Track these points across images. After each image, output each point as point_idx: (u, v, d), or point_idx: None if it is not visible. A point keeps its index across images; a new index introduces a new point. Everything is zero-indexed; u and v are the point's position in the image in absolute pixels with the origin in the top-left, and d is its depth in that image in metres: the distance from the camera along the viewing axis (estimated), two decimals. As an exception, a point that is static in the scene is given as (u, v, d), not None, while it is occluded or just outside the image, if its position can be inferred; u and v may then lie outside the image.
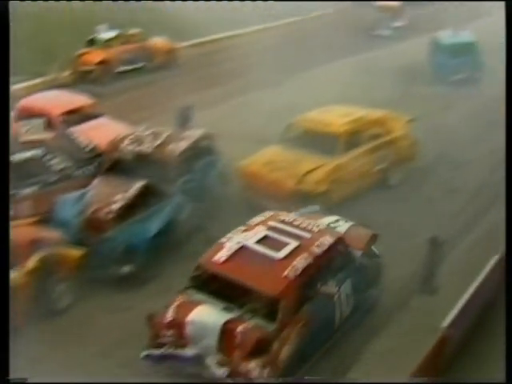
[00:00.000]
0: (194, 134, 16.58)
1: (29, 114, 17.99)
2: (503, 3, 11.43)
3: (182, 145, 15.83)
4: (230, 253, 11.24)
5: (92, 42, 28.01)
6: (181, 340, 10.71)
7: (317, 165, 15.94)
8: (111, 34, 28.29)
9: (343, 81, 25.79)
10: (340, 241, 11.91)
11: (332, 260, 11.64)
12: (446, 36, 28.95)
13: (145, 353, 10.95)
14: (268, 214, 12.43)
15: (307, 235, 11.64)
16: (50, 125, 17.46)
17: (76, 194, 14.71)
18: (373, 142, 17.10)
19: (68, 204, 14.40)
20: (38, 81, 24.62)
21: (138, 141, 15.94)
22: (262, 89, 24.30)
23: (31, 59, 24.96)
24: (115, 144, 16.08)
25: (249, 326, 10.42)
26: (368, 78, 25.93)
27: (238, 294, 10.88)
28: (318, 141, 16.43)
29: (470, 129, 20.98)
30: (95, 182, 14.99)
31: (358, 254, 12.34)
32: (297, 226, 11.90)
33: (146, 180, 14.47)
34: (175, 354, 10.72)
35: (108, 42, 27.96)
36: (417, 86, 25.72)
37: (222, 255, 11.23)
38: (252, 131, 19.73)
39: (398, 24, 36.99)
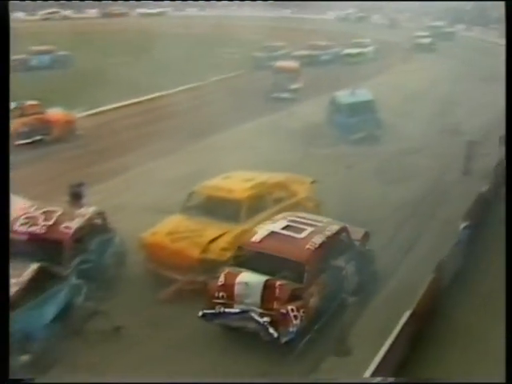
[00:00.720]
0: (86, 211, 15.97)
1: None
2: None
3: (76, 223, 15.22)
4: (262, 236, 14.25)
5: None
6: (230, 300, 13.24)
7: (221, 232, 15.68)
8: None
9: (244, 145, 25.81)
10: (343, 230, 15.08)
11: (339, 243, 14.73)
12: (344, 95, 29.33)
13: (201, 313, 13.33)
14: (288, 213, 15.55)
15: (319, 224, 14.85)
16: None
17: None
18: (277, 206, 16.90)
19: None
20: None
21: (31, 221, 15.25)
22: (161, 157, 24.03)
23: None
24: (12, 222, 15.29)
25: (285, 282, 13.13)
26: (269, 140, 25.91)
27: (272, 266, 13.42)
28: (221, 208, 16.21)
29: (373, 187, 21.01)
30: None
31: (356, 243, 15.45)
32: (310, 219, 15.09)
33: (40, 262, 13.68)
34: (226, 312, 13.18)
35: None
36: (318, 147, 25.78)
37: (257, 237, 14.25)
38: (151, 201, 19.33)
39: (295, 86, 37.29)
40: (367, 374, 11.13)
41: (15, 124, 26.81)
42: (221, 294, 13.30)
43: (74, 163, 23.68)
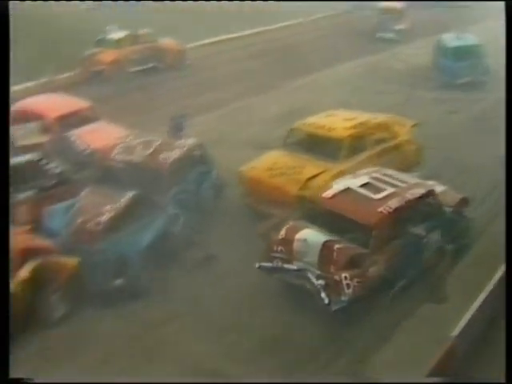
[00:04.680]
0: (186, 143, 16.08)
1: (24, 118, 17.56)
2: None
3: (174, 154, 15.35)
4: (336, 192, 13.44)
5: (101, 43, 27.72)
6: (289, 255, 12.69)
7: (320, 170, 15.53)
8: (121, 34, 28.05)
9: (346, 84, 25.45)
10: (430, 193, 13.80)
11: (422, 208, 13.48)
12: (450, 38, 28.51)
13: (258, 264, 12.95)
14: (374, 169, 14.38)
15: (403, 185, 13.69)
16: (45, 128, 17.01)
17: (65, 203, 14.21)
18: (377, 147, 16.59)
19: (57, 214, 13.92)
20: (34, 83, 24.15)
21: (130, 149, 15.48)
22: (262, 93, 23.94)
23: (29, 60, 24.62)
24: (108, 152, 15.60)
25: (345, 245, 12.35)
26: (371, 81, 25.54)
27: (340, 226, 12.74)
28: (320, 146, 16.02)
29: (475, 133, 20.51)
30: (85, 191, 14.40)
31: (448, 209, 14.07)
32: (396, 179, 13.92)
33: (137, 190, 13.94)
34: (283, 267, 12.69)
35: (118, 43, 27.67)
36: (421, 90, 25.22)
37: (329, 192, 13.46)
38: (251, 136, 19.34)
39: (400, 26, 36.46)
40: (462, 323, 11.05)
41: (127, 51, 27.45)
42: (280, 248, 12.81)
43: (178, 93, 23.87)
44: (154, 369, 11.42)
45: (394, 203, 12.98)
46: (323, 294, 11.99)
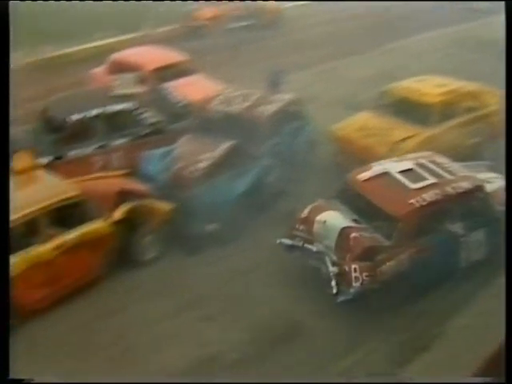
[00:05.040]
0: (283, 97, 16.43)
1: (121, 68, 18.06)
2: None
3: (272, 108, 15.72)
4: (372, 174, 12.74)
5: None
6: (310, 235, 12.32)
7: (409, 134, 15.66)
8: None
9: (436, 52, 25.21)
10: (479, 189, 12.65)
11: (465, 204, 12.39)
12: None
13: (279, 240, 12.65)
14: (424, 153, 13.61)
15: (449, 176, 12.66)
16: (142, 80, 17.51)
17: (162, 149, 14.80)
18: (467, 115, 16.58)
19: (154, 159, 14.52)
20: (132, 35, 24.70)
21: (228, 101, 15.93)
22: (353, 55, 23.96)
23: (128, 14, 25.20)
24: (206, 102, 16.08)
25: (363, 234, 11.75)
26: (462, 50, 25.25)
27: (368, 212, 12.17)
28: (411, 110, 16.10)
29: None
30: (183, 139, 15.02)
31: (500, 208, 12.25)
32: (443, 168, 12.91)
33: (234, 141, 14.43)
34: (304, 247, 12.32)
35: None
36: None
37: (365, 175, 12.75)
38: (342, 97, 19.50)
39: (494, -5, 35.73)
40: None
41: (227, 8, 27.97)
42: (301, 227, 12.52)
43: (274, 51, 24.06)
44: (241, 315, 11.89)
45: (429, 196, 12.04)
46: (333, 283, 11.50)
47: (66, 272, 12.03)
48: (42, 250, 11.86)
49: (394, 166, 12.89)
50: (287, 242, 12.58)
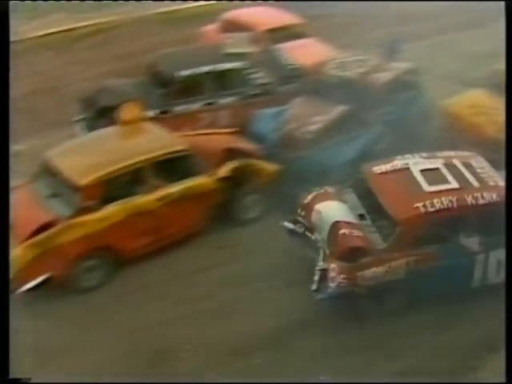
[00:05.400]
0: (399, 66, 15.96)
1: (234, 28, 17.93)
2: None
3: (387, 75, 15.25)
4: (390, 168, 11.66)
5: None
6: (309, 224, 11.59)
7: None
8: None
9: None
10: (499, 204, 10.72)
11: (487, 218, 10.86)
12: None
13: (282, 223, 11.97)
14: (464, 153, 12.30)
15: (475, 184, 11.30)
16: (254, 40, 17.29)
17: (275, 109, 14.65)
18: None
19: (266, 119, 14.41)
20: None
21: (343, 66, 15.56)
22: (468, 29, 23.20)
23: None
24: (320, 66, 15.76)
25: (354, 232, 10.82)
26: None
27: (374, 209, 11.25)
28: None
29: None
30: (296, 101, 14.83)
31: None
32: (475, 173, 11.54)
33: (347, 105, 14.14)
34: (304, 233, 11.61)
35: None
36: None
37: (382, 168, 11.71)
38: (454, 72, 18.88)
39: None
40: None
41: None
42: (303, 213, 11.80)
43: (387, 20, 23.31)
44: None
45: (442, 202, 10.82)
46: (316, 277, 10.76)
47: (168, 223, 12.11)
48: (146, 200, 11.96)
49: (417, 163, 11.73)
50: (289, 225, 11.94)
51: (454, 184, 11.17)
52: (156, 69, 15.80)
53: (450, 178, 11.31)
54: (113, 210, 11.70)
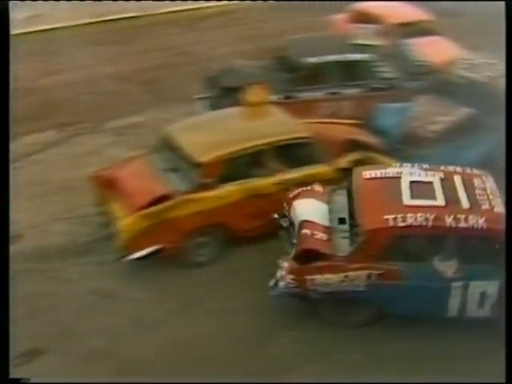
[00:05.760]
0: None
1: (364, 19, 17.89)
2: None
3: None
4: (381, 175, 10.93)
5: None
6: (291, 219, 11.14)
7: None
8: None
9: None
10: (494, 233, 9.82)
11: (468, 243, 9.93)
12: None
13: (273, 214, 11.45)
14: (473, 172, 11.29)
15: (465, 205, 10.23)
16: (383, 33, 17.15)
17: (399, 105, 14.50)
18: None
19: (389, 113, 14.28)
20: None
21: (472, 67, 15.23)
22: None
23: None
24: (448, 65, 15.51)
25: (317, 235, 10.33)
26: None
27: (350, 214, 10.70)
28: None
29: None
30: (421, 98, 14.63)
31: None
32: (471, 193, 10.51)
33: (473, 108, 13.86)
34: (287, 227, 11.14)
35: None
36: None
37: (373, 173, 11.01)
38: None
39: None
40: None
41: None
42: (286, 208, 11.34)
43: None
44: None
45: (416, 218, 9.92)
46: (278, 273, 10.27)
47: (281, 208, 12.03)
48: (263, 183, 12.02)
49: (413, 173, 10.85)
50: (276, 217, 11.52)
51: (440, 201, 10.25)
52: (283, 54, 15.88)
53: (438, 194, 10.40)
54: (230, 190, 11.80)
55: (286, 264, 10.18)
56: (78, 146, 15.17)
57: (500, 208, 10.19)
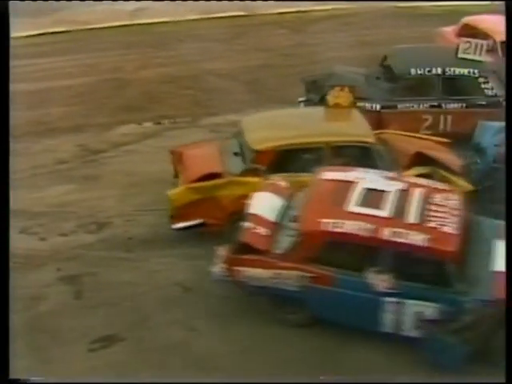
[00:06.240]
0: None
1: (472, 33, 17.45)
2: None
3: None
4: (339, 178, 10.75)
5: None
6: None
7: None
8: None
9: None
10: (436, 253, 9.52)
11: (405, 260, 9.59)
12: None
13: None
14: (442, 186, 10.89)
15: (412, 219, 9.82)
16: (491, 49, 16.71)
17: (498, 123, 13.99)
18: None
19: (489, 132, 13.78)
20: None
21: None
22: None
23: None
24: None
25: (256, 228, 10.31)
26: None
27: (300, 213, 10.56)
28: None
29: None
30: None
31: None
32: (424, 209, 10.02)
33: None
34: None
35: None
36: None
37: (332, 175, 10.87)
38: None
39: None
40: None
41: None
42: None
43: None
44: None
45: (351, 226, 9.76)
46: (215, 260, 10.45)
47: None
48: (309, 179, 11.63)
49: (373, 180, 10.60)
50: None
51: (385, 213, 9.92)
52: (388, 62, 15.72)
53: (387, 205, 10.05)
54: (276, 180, 11.85)
55: (221, 252, 10.32)
56: (172, 139, 15.26)
57: (450, 229, 9.80)
